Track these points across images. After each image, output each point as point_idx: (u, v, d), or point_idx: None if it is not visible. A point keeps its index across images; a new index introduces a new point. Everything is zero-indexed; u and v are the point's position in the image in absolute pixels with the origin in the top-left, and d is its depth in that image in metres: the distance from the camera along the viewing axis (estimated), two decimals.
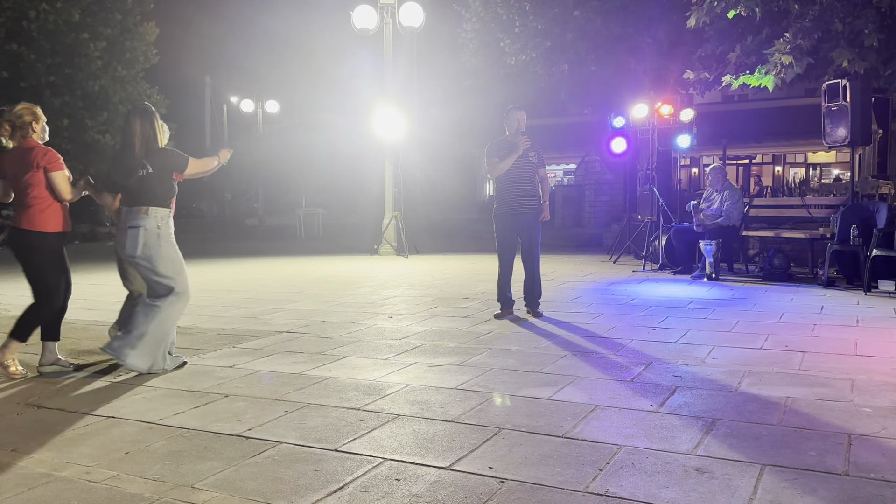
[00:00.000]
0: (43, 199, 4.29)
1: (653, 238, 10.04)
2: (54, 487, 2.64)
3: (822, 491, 2.45)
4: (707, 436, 3.02)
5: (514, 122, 6.06)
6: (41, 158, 4.26)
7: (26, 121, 4.29)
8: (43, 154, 4.28)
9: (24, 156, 4.27)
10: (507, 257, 6.16)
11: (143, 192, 4.33)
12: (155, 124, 4.40)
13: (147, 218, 4.32)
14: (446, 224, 21.15)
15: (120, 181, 4.37)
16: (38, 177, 4.26)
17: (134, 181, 4.30)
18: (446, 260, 12.00)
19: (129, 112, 4.45)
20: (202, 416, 3.47)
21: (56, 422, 3.44)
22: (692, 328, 5.44)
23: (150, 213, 4.33)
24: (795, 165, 28.29)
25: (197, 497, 2.52)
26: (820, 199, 11.87)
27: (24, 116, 4.28)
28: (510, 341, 5.09)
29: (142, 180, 4.31)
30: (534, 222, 6.09)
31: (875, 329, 5.32)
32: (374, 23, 13.05)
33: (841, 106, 8.18)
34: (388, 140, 13.09)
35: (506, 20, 14.71)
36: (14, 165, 4.29)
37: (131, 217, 4.33)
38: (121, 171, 4.35)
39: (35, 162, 4.24)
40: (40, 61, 18.69)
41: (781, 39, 9.05)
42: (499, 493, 2.50)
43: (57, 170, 4.30)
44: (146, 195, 4.33)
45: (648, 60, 13.53)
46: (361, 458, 2.86)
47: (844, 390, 3.68)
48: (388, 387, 3.94)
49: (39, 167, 4.25)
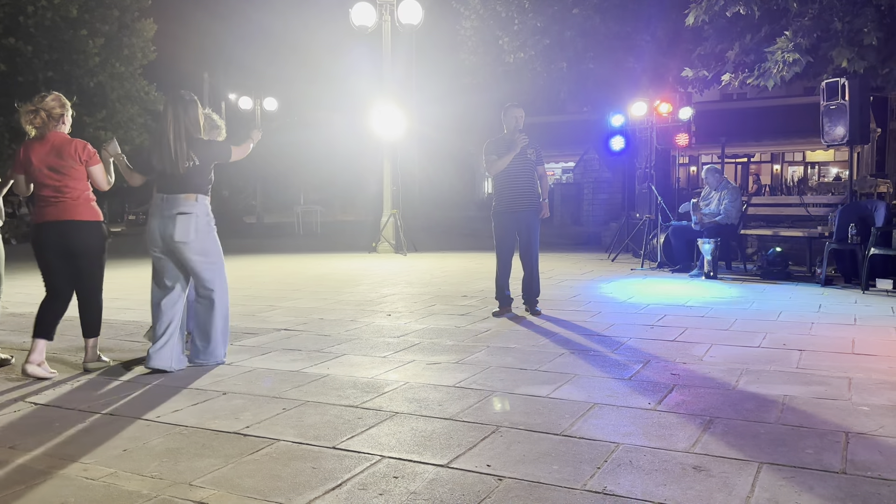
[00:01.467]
0: (85, 190, 4.27)
1: (651, 236, 10.05)
2: (51, 485, 2.64)
3: (819, 489, 2.45)
4: (705, 434, 3.03)
5: (511, 120, 6.05)
6: (83, 152, 4.23)
7: (58, 113, 4.24)
8: (83, 147, 4.25)
9: (60, 148, 4.20)
10: (506, 255, 6.17)
11: (189, 181, 4.30)
12: (197, 114, 4.37)
13: (197, 205, 4.32)
14: (445, 222, 21.15)
15: (167, 170, 4.27)
16: (81, 170, 4.23)
17: (182, 171, 4.27)
18: (445, 258, 11.99)
19: (170, 99, 4.38)
20: (200, 414, 3.47)
21: (53, 419, 3.44)
22: (690, 326, 5.44)
23: (199, 199, 4.35)
24: (794, 164, 28.31)
25: (194, 494, 2.52)
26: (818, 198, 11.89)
27: (56, 108, 4.23)
28: (508, 339, 5.10)
29: (189, 170, 4.29)
30: (532, 220, 6.09)
31: (873, 328, 5.32)
32: (373, 20, 13.03)
33: (839, 104, 8.18)
34: (387, 138, 13.09)
35: (505, 18, 14.69)
36: (46, 157, 4.20)
37: (178, 204, 4.28)
38: (167, 159, 4.26)
39: (77, 155, 4.21)
40: (38, 57, 18.65)
41: (783, 37, 9.04)
42: (496, 490, 2.50)
43: (97, 163, 4.29)
44: (192, 183, 4.32)
45: (647, 58, 13.52)
46: (359, 455, 2.86)
47: (842, 389, 3.68)
48: (386, 384, 3.94)
49: (82, 161, 4.22)
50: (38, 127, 4.22)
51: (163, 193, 4.33)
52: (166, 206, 4.30)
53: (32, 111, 4.19)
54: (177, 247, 4.28)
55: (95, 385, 4.06)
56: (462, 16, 16.19)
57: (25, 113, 4.21)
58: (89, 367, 4.38)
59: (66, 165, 4.20)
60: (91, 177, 4.30)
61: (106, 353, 4.68)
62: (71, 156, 4.21)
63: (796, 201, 11.09)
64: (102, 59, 19.80)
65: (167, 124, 4.29)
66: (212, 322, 4.42)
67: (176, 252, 4.31)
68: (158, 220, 4.31)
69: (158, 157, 4.29)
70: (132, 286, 8.39)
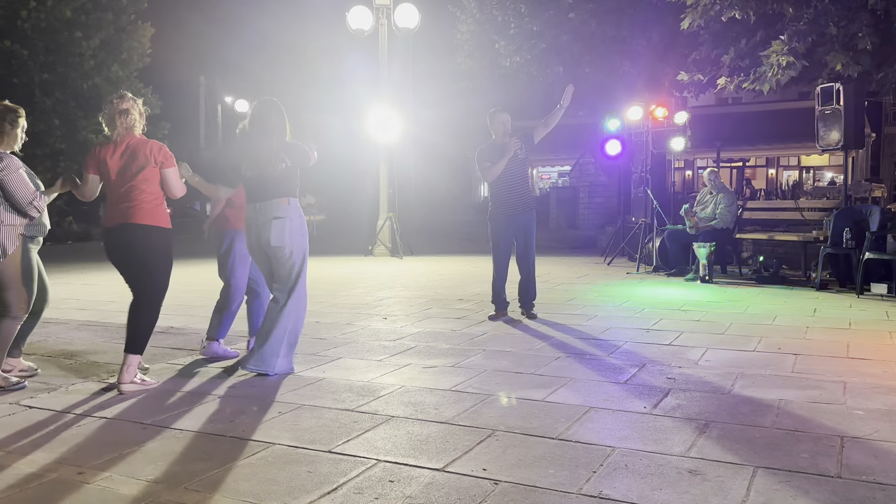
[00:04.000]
0: (158, 194, 4.11)
1: (647, 240, 10.07)
2: (47, 488, 2.63)
3: (814, 493, 2.46)
4: (700, 438, 3.03)
5: (499, 126, 6.09)
6: (158, 153, 4.07)
7: (129, 112, 4.10)
8: (159, 149, 4.10)
9: (135, 149, 4.05)
10: (503, 259, 6.18)
11: (281, 184, 4.28)
12: (284, 118, 4.37)
13: (290, 208, 4.29)
14: (441, 225, 21.16)
15: (261, 173, 4.24)
16: (155, 172, 4.08)
17: (276, 174, 4.25)
18: (441, 261, 11.99)
19: (261, 105, 4.36)
20: (195, 417, 3.46)
21: (49, 422, 3.42)
22: (685, 330, 5.45)
23: (291, 203, 4.32)
24: (789, 168, 28.39)
25: (190, 498, 2.52)
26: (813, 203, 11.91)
27: (130, 109, 4.11)
28: (504, 343, 5.10)
29: (281, 173, 4.28)
30: (529, 223, 6.12)
31: (867, 332, 5.34)
32: (370, 24, 13.05)
33: (834, 109, 8.22)
34: (383, 141, 13.09)
35: (501, 22, 14.72)
36: (120, 158, 4.05)
37: (272, 209, 4.24)
38: (261, 162, 4.24)
39: (153, 157, 4.05)
40: (33, 59, 18.61)
41: (779, 41, 9.08)
42: (492, 494, 2.50)
43: (172, 166, 4.14)
44: (286, 187, 4.30)
45: (643, 63, 13.55)
46: (355, 459, 2.86)
47: (837, 393, 3.69)
48: (381, 388, 3.93)
49: (157, 163, 4.07)
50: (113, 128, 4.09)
51: (255, 202, 4.29)
52: (260, 214, 4.26)
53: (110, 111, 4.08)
54: (272, 251, 4.29)
55: (91, 389, 4.04)
56: (458, 20, 16.24)
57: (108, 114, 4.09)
58: (123, 389, 3.95)
59: (141, 167, 4.04)
60: (164, 180, 4.11)
61: (100, 354, 4.67)
62: (146, 157, 4.05)
63: (791, 205, 11.11)
64: (98, 62, 19.78)
65: (257, 129, 4.30)
66: (278, 328, 4.26)
67: (270, 256, 4.33)
68: (254, 230, 4.29)
69: (249, 162, 4.27)
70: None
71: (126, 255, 4.07)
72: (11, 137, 4.03)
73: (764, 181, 27.68)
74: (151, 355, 4.90)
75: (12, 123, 4.02)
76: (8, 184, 3.91)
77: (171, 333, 5.69)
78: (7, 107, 4.05)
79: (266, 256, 4.34)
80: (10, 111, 4.03)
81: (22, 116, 4.10)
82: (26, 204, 3.95)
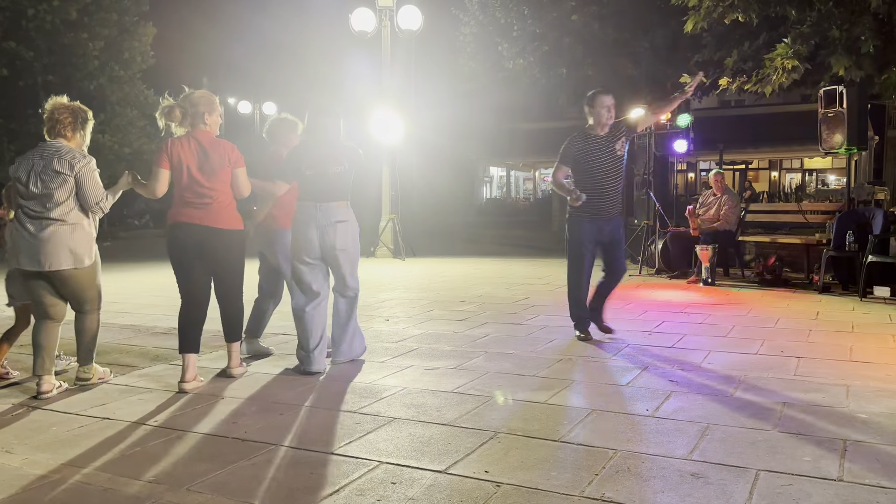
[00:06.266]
0: (229, 195, 4.11)
1: (649, 242, 10.06)
2: (49, 489, 2.63)
3: (816, 496, 2.45)
4: (702, 441, 3.03)
5: (602, 111, 5.09)
6: (232, 153, 4.07)
7: (199, 111, 4.04)
8: (232, 149, 4.08)
9: (208, 148, 4.01)
10: (583, 268, 5.22)
11: (339, 187, 4.37)
12: (339, 120, 4.46)
13: (349, 212, 4.41)
14: (443, 227, 21.15)
15: (322, 171, 4.30)
16: (228, 172, 4.06)
17: (334, 175, 4.33)
18: (443, 263, 11.99)
19: (314, 110, 4.44)
20: (198, 419, 3.46)
21: (51, 423, 3.43)
22: (688, 333, 5.44)
23: (348, 206, 4.42)
24: (792, 171, 28.38)
25: (192, 499, 2.52)
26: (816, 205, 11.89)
27: (200, 106, 4.04)
28: (506, 345, 5.09)
29: (339, 176, 4.35)
30: (618, 228, 5.28)
31: (870, 335, 5.33)
32: (373, 25, 13.05)
33: (837, 112, 8.20)
34: (386, 142, 13.09)
35: (504, 24, 14.73)
36: (193, 156, 3.99)
37: (334, 213, 4.32)
38: (317, 162, 4.30)
39: (226, 157, 4.04)
40: (38, 60, 18.65)
41: (783, 43, 9.07)
42: (494, 497, 2.50)
43: (243, 166, 4.14)
44: (342, 190, 4.39)
45: (646, 65, 13.57)
46: (357, 461, 2.86)
47: (840, 396, 3.68)
48: (384, 390, 3.93)
49: (230, 162, 4.05)
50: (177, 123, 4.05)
51: (315, 202, 4.32)
52: (321, 215, 4.30)
53: (173, 107, 4.05)
54: (336, 254, 4.36)
55: (93, 389, 4.04)
56: (461, 22, 16.25)
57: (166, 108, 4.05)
58: (233, 372, 4.26)
59: (214, 166, 4.00)
60: (235, 180, 4.09)
61: (103, 356, 4.67)
62: (220, 156, 4.02)
63: (794, 208, 11.10)
64: (102, 63, 19.81)
65: (317, 130, 4.39)
66: (352, 319, 4.57)
67: (331, 259, 4.40)
68: (315, 230, 4.32)
69: (309, 162, 4.33)
70: (130, 291, 8.39)
71: (201, 256, 4.06)
72: (82, 137, 4.04)
73: (767, 183, 27.67)
74: (153, 357, 4.91)
75: (83, 124, 4.03)
76: (87, 181, 3.90)
77: (172, 335, 5.67)
78: (79, 107, 4.04)
79: (324, 257, 4.41)
80: (81, 111, 4.04)
81: (91, 119, 4.13)
82: (94, 203, 3.94)
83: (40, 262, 3.82)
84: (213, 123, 4.11)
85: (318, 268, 4.44)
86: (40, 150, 3.91)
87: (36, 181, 3.83)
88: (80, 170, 3.88)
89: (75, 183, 3.88)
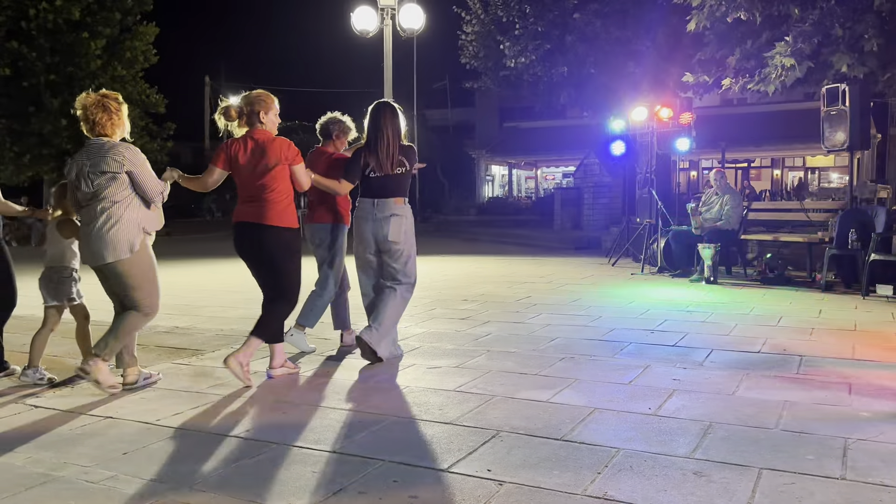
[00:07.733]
0: (288, 192, 4.12)
1: (651, 241, 10.05)
2: (52, 487, 2.63)
3: (819, 495, 2.45)
4: (705, 439, 3.03)
5: None
6: (288, 151, 4.08)
7: (255, 110, 4.07)
8: (288, 146, 4.09)
9: (264, 146, 4.04)
10: None
11: (399, 185, 4.50)
12: (399, 119, 4.53)
13: (405, 208, 4.53)
14: (445, 226, 21.14)
15: (385, 171, 4.43)
16: (285, 170, 4.08)
17: (395, 176, 4.45)
18: (444, 261, 11.98)
19: (380, 109, 4.49)
20: (200, 417, 3.47)
21: (54, 422, 3.44)
22: (690, 331, 5.44)
23: (406, 203, 4.54)
24: (794, 169, 28.31)
25: (195, 498, 2.52)
26: (818, 203, 11.86)
27: (256, 105, 4.07)
28: (508, 343, 5.09)
29: (400, 175, 4.48)
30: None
31: (873, 333, 5.32)
32: (375, 25, 13.03)
33: (840, 110, 8.19)
34: None
35: (506, 23, 14.72)
36: (250, 155, 4.04)
37: (390, 207, 4.47)
38: (386, 162, 4.42)
39: (282, 154, 4.05)
40: (40, 60, 18.66)
41: (783, 42, 9.05)
42: (497, 495, 2.50)
43: (301, 162, 4.17)
44: (402, 188, 4.52)
45: (648, 63, 13.52)
46: (360, 459, 2.86)
47: (842, 394, 3.68)
48: (386, 388, 3.93)
49: (287, 160, 4.07)
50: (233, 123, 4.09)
51: (374, 198, 4.47)
52: (378, 210, 4.48)
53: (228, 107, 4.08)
54: (388, 246, 4.50)
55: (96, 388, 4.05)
56: (463, 20, 16.24)
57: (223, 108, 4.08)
58: (274, 373, 4.22)
59: (270, 164, 4.03)
60: (294, 175, 4.14)
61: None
62: (276, 154, 4.04)
63: (797, 206, 11.07)
64: (104, 62, 19.81)
65: (382, 130, 4.45)
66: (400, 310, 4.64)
67: (385, 250, 4.54)
68: (371, 224, 4.49)
69: (376, 162, 4.43)
70: None
71: (257, 253, 4.15)
72: (122, 126, 3.94)
73: (769, 182, 27.62)
74: (156, 355, 4.92)
75: (118, 113, 3.91)
76: (142, 175, 3.83)
77: (175, 333, 5.71)
78: (108, 99, 3.90)
79: (379, 249, 4.54)
80: (113, 102, 3.90)
81: (123, 103, 3.98)
82: (157, 194, 3.90)
83: (94, 258, 3.82)
84: (270, 122, 4.16)
85: (374, 260, 4.62)
86: (87, 151, 3.86)
87: (87, 181, 3.81)
88: (130, 166, 3.80)
89: (129, 179, 3.83)
